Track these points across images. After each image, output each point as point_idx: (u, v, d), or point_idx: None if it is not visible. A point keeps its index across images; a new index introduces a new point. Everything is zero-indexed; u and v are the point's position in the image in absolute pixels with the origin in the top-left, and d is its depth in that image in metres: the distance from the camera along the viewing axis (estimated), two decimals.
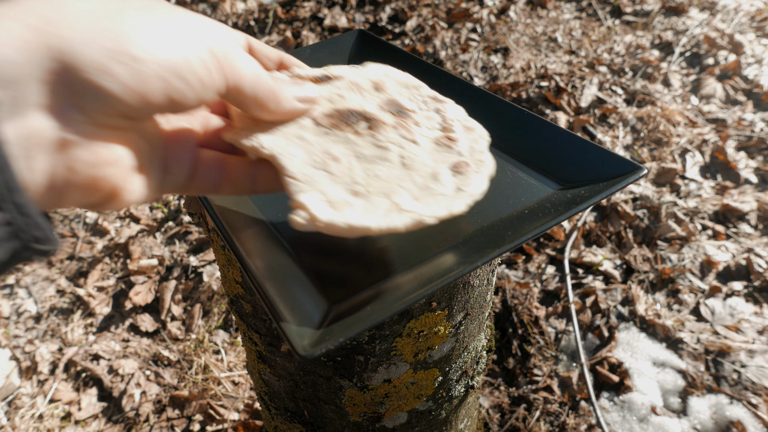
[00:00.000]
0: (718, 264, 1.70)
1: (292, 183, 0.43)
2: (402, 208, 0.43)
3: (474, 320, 0.69)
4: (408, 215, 0.43)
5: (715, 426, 1.32)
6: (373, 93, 0.54)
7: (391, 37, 2.91)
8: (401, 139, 0.50)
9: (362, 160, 0.47)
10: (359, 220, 0.41)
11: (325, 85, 0.53)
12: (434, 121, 0.53)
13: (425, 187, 0.46)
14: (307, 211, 0.41)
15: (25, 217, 0.28)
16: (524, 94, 2.43)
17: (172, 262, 1.79)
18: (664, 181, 2.03)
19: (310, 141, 0.47)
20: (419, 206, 0.44)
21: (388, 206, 0.43)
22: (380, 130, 0.50)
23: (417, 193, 0.45)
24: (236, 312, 0.72)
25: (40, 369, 1.51)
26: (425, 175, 0.47)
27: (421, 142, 0.50)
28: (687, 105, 2.37)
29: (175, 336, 1.59)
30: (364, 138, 0.49)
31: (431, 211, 0.43)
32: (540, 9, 3.09)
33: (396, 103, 0.53)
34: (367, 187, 0.45)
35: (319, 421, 0.72)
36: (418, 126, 0.52)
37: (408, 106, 0.54)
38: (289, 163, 0.44)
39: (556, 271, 1.74)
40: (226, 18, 3.05)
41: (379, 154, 0.48)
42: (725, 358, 1.46)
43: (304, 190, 0.42)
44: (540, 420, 1.36)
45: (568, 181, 0.60)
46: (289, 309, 0.45)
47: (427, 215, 0.43)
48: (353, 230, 0.41)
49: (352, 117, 0.50)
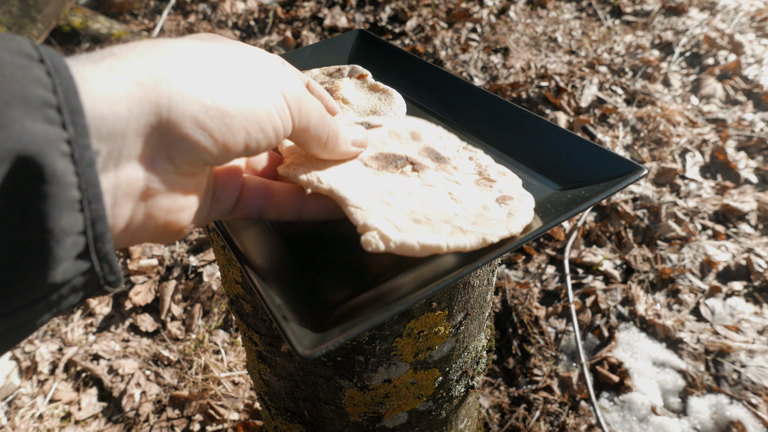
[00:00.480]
0: (718, 264, 1.70)
1: (356, 211, 0.44)
2: (465, 230, 0.46)
3: (474, 320, 0.69)
4: (472, 235, 0.45)
5: (715, 426, 1.32)
6: (411, 141, 0.58)
7: (391, 37, 2.91)
8: (445, 180, 0.53)
9: (415, 195, 0.50)
10: (429, 239, 0.43)
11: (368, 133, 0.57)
12: (470, 167, 0.57)
13: (479, 215, 0.49)
14: (379, 232, 0.42)
15: (104, 263, 0.29)
16: (524, 94, 2.43)
17: (172, 262, 1.79)
18: (664, 181, 2.03)
19: (363, 178, 0.50)
20: (480, 228, 0.47)
21: (451, 229, 0.46)
22: (425, 171, 0.53)
23: (473, 219, 0.48)
24: (236, 312, 0.72)
25: (40, 369, 1.51)
26: (476, 205, 0.50)
27: (463, 182, 0.54)
28: (687, 105, 2.37)
29: (175, 336, 1.59)
30: (411, 178, 0.52)
31: (492, 231, 0.46)
32: (540, 9, 3.09)
33: (433, 151, 0.58)
34: (427, 215, 0.47)
35: (319, 421, 0.72)
36: (456, 170, 0.56)
37: (444, 153, 0.58)
38: (350, 194, 0.46)
39: (556, 271, 1.74)
40: (226, 18, 3.05)
41: (428, 191, 0.51)
42: (725, 358, 1.46)
43: (370, 216, 0.44)
44: (540, 420, 1.36)
45: (568, 182, 0.60)
46: (289, 310, 0.45)
47: (489, 234, 0.46)
48: (425, 249, 0.43)
49: (399, 160, 0.54)
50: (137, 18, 3.05)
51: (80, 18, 2.42)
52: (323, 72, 0.88)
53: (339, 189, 0.47)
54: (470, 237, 0.45)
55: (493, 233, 0.46)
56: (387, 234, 0.42)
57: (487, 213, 0.50)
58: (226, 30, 2.99)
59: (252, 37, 2.96)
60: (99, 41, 2.36)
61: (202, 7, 3.12)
